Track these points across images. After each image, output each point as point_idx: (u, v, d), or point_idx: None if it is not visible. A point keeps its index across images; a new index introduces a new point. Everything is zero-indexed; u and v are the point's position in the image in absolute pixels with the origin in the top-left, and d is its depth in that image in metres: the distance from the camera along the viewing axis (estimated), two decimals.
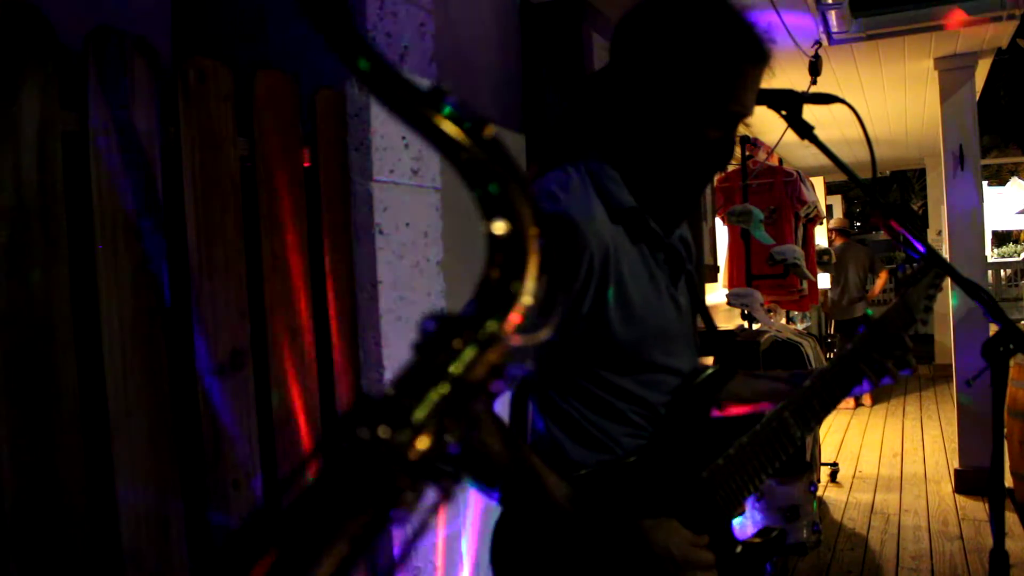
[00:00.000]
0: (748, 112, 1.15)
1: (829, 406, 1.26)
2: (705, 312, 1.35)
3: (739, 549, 1.23)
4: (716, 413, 1.29)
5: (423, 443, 0.38)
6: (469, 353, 0.40)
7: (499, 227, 0.41)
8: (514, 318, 0.41)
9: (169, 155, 1.38)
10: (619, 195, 1.15)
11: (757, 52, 1.14)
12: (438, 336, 0.40)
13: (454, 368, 0.39)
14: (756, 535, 1.25)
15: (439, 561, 1.90)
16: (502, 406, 1.17)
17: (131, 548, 1.25)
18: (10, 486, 1.10)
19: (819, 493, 4.79)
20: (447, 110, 0.41)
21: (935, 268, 1.35)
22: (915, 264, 1.38)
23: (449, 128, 0.41)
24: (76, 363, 1.19)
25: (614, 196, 1.14)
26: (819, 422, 1.26)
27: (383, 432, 0.38)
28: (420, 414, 0.39)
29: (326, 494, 0.38)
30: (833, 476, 5.21)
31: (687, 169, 1.15)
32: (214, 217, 1.44)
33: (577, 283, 1.07)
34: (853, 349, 1.28)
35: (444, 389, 0.39)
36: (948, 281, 1.38)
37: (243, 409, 1.47)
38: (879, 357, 1.26)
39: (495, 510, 1.16)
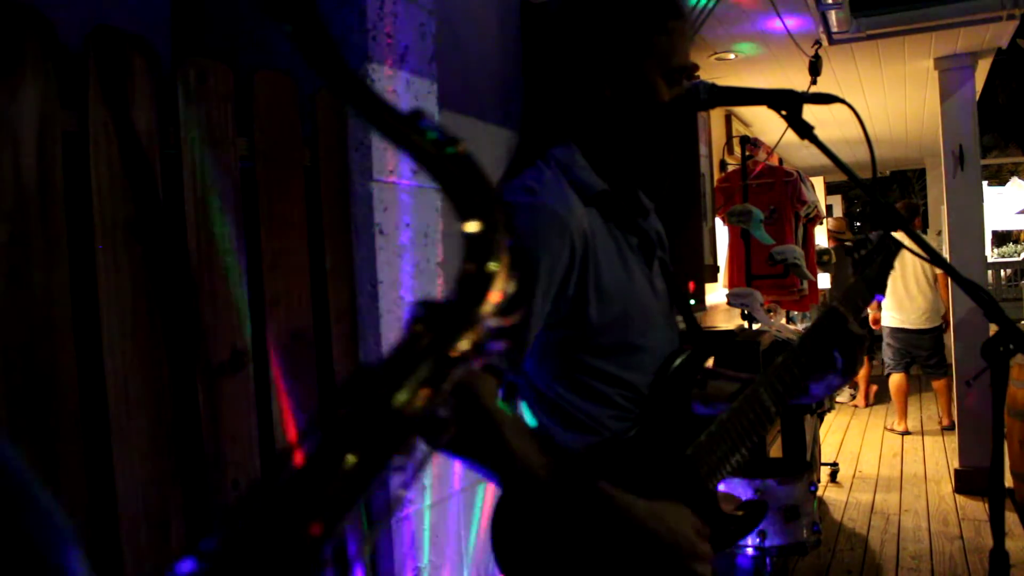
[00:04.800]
0: (691, 64, 1.24)
1: (803, 380, 1.30)
2: (685, 307, 1.39)
3: (721, 520, 1.26)
4: (701, 409, 1.33)
5: (416, 404, 0.45)
6: (453, 332, 0.47)
7: (472, 226, 0.49)
8: (489, 303, 0.48)
9: (169, 155, 1.38)
10: (589, 180, 1.21)
11: (675, 7, 1.24)
12: (426, 318, 0.47)
13: (440, 345, 0.46)
14: (738, 508, 1.29)
15: (439, 560, 1.91)
16: None
17: (131, 548, 1.25)
18: None
19: (819, 493, 4.79)
20: (430, 135, 0.49)
21: (887, 249, 1.41)
22: (868, 246, 1.44)
23: (431, 147, 0.49)
24: (76, 363, 1.19)
25: (585, 182, 1.20)
26: (793, 397, 1.30)
27: (383, 394, 0.45)
28: (414, 381, 0.45)
29: (329, 448, 0.43)
30: (833, 476, 5.21)
31: (648, 137, 1.23)
32: (214, 217, 1.44)
33: (562, 266, 1.12)
34: (818, 325, 1.32)
35: (432, 362, 0.46)
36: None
37: (243, 409, 1.47)
38: (842, 331, 1.29)
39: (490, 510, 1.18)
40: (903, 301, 6.12)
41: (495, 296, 0.48)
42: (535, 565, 1.16)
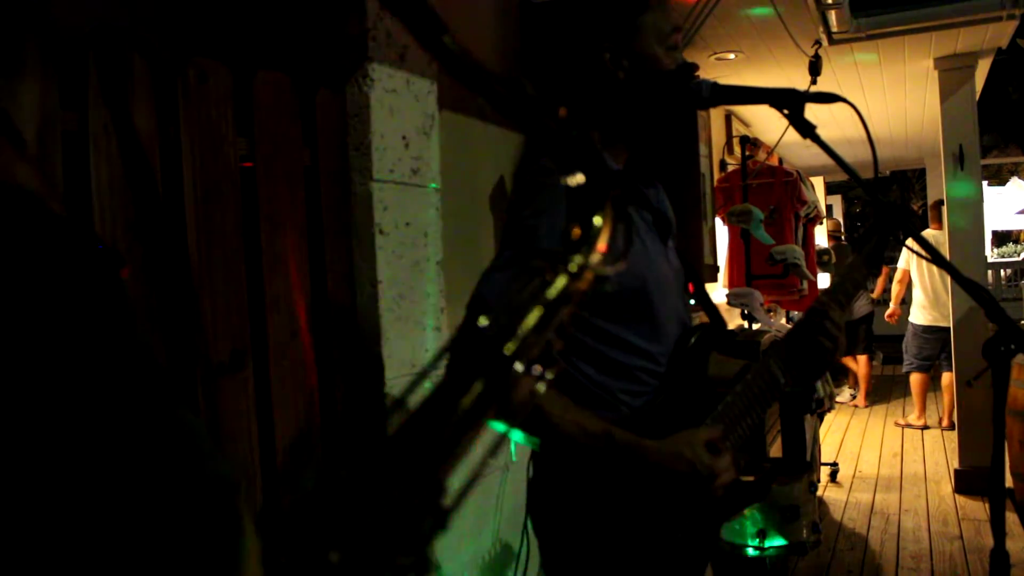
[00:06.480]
0: (681, 25, 1.37)
1: (805, 353, 1.37)
2: (699, 283, 1.49)
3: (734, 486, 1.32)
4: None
5: (533, 344, 0.53)
6: (561, 281, 0.54)
7: (580, 178, 0.57)
8: (594, 254, 0.55)
9: (169, 155, 1.38)
10: (606, 162, 1.30)
11: None
12: (541, 267, 0.55)
13: (550, 292, 0.54)
14: (751, 474, 1.36)
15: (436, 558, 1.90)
16: None
17: None
18: None
19: (819, 493, 4.79)
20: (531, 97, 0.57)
21: (883, 227, 1.48)
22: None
23: (534, 108, 0.56)
24: None
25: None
26: (798, 370, 1.37)
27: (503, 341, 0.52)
28: (528, 323, 0.53)
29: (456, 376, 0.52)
30: (833, 476, 5.21)
31: (663, 103, 1.33)
32: (214, 217, 1.44)
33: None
34: (817, 307, 1.40)
35: (541, 309, 0.53)
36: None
37: (243, 409, 1.47)
38: (823, 322, 1.37)
39: (487, 507, 1.23)
40: (940, 296, 5.98)
41: (602, 245, 0.56)
42: (569, 524, 1.25)
